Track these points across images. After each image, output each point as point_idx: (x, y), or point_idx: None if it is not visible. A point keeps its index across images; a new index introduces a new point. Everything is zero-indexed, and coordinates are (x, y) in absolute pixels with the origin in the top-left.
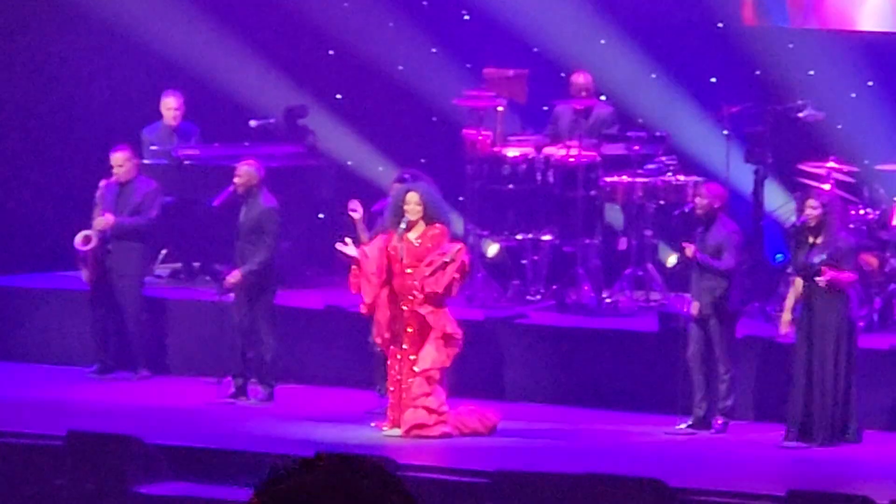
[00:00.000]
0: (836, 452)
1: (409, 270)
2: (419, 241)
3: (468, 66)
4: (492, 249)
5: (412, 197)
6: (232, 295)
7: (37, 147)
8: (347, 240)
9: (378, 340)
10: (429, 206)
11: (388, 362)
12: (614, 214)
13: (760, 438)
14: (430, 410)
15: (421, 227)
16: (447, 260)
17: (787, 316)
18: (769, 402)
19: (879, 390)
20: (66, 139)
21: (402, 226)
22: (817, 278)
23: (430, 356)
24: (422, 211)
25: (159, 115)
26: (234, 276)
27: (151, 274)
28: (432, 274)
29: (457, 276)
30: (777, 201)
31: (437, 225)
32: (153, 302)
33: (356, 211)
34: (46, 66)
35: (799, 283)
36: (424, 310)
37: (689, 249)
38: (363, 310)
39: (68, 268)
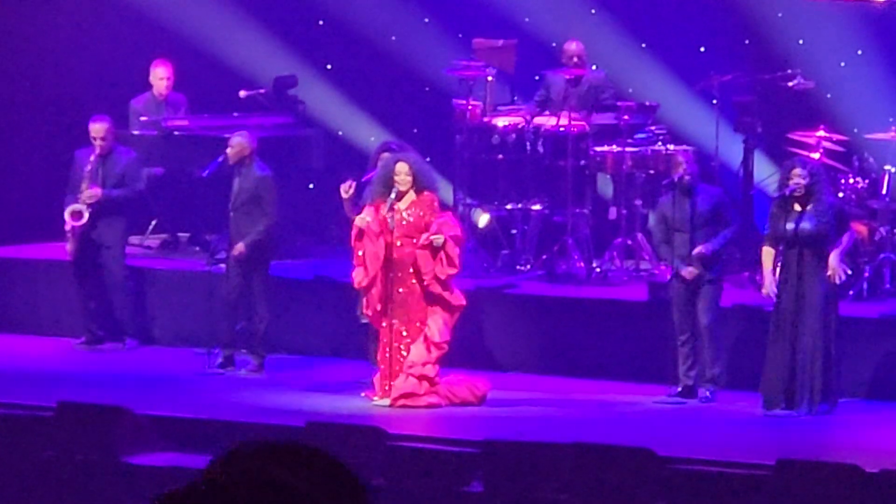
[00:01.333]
0: (825, 421)
1: (398, 243)
2: (410, 211)
3: (460, 36)
4: (482, 220)
5: (402, 167)
6: (223, 266)
7: (22, 117)
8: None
9: (368, 312)
10: (418, 176)
11: (379, 333)
12: (604, 184)
13: (748, 407)
14: (423, 378)
15: (411, 196)
16: (439, 243)
17: (768, 287)
18: (758, 371)
19: (868, 359)
20: (52, 109)
21: (392, 196)
22: (832, 269)
23: (443, 327)
24: (411, 181)
25: (147, 86)
26: (238, 249)
27: (133, 244)
28: (433, 258)
29: (456, 250)
30: (766, 171)
31: (426, 193)
32: (143, 273)
33: (349, 190)
34: (32, 36)
35: (768, 252)
36: (435, 288)
37: (688, 272)
38: (363, 283)
39: (54, 238)
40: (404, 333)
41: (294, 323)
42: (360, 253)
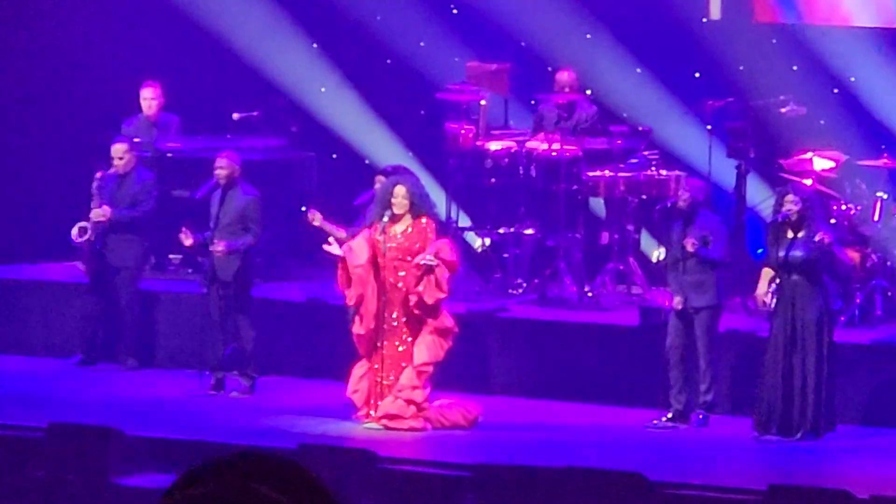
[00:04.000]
0: (817, 446)
1: (395, 264)
2: (405, 234)
3: (456, 59)
4: (477, 243)
5: (399, 190)
6: (204, 288)
7: (29, 138)
8: (331, 240)
9: (360, 331)
10: (415, 200)
11: (364, 353)
12: (599, 206)
13: (741, 432)
14: (410, 402)
15: (407, 220)
16: (431, 265)
17: (761, 289)
18: (749, 396)
19: (860, 385)
20: (59, 130)
21: (385, 218)
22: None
23: (426, 350)
24: (408, 205)
25: (139, 108)
26: (219, 246)
27: (149, 265)
28: (420, 280)
29: (446, 275)
30: (759, 196)
31: (423, 219)
32: (141, 294)
33: (314, 218)
34: (30, 57)
35: (767, 271)
36: (419, 311)
37: (690, 243)
38: (350, 301)
39: (57, 259)
40: (395, 354)
41: (286, 345)
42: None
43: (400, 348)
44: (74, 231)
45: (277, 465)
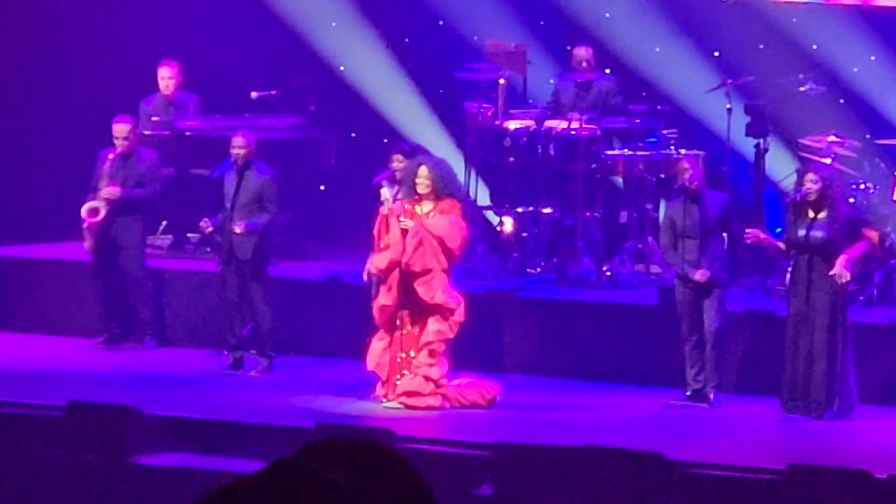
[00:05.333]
0: (836, 426)
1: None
2: (429, 215)
3: (475, 38)
4: (508, 224)
5: (423, 171)
6: (221, 269)
7: (38, 117)
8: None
9: (387, 302)
10: (438, 181)
11: (384, 328)
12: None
13: (759, 412)
14: (428, 379)
15: (432, 201)
16: (404, 226)
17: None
18: (769, 376)
19: (879, 364)
20: (67, 109)
21: (388, 196)
22: (837, 271)
23: (434, 327)
24: (430, 185)
25: (157, 87)
26: (239, 226)
27: (149, 245)
28: (413, 253)
29: (430, 250)
30: (778, 175)
31: (448, 199)
32: (153, 273)
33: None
34: (46, 35)
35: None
36: (418, 287)
37: (700, 274)
38: (381, 266)
39: (68, 238)
40: (412, 331)
41: (304, 324)
42: (382, 244)
43: (415, 327)
44: (85, 211)
45: (354, 449)
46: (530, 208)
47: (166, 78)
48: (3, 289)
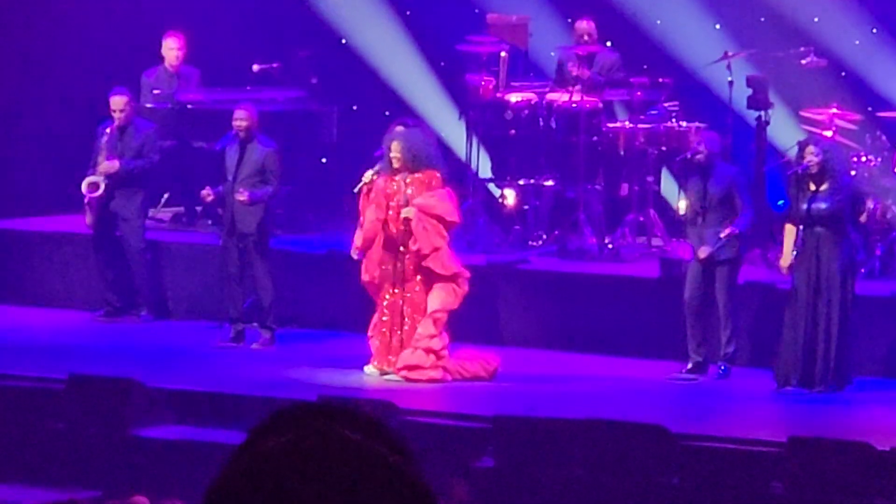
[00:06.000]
0: (837, 398)
1: (399, 216)
2: (405, 187)
3: (476, 11)
4: (510, 197)
5: (395, 146)
6: (222, 242)
7: (37, 90)
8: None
9: (366, 278)
10: (408, 155)
11: (377, 301)
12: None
13: (761, 384)
14: (429, 351)
15: (408, 174)
16: (409, 216)
17: (786, 261)
18: (770, 348)
19: (881, 337)
20: (67, 82)
21: (371, 173)
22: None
23: (440, 298)
24: (401, 159)
25: (159, 59)
26: (243, 195)
27: (151, 217)
28: (412, 233)
29: (429, 226)
30: (779, 148)
31: (426, 171)
32: (155, 246)
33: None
34: (45, 7)
35: (791, 229)
36: (425, 261)
37: (704, 251)
38: (358, 244)
39: (70, 211)
40: (403, 307)
41: (306, 297)
42: (363, 220)
43: (413, 297)
44: (85, 186)
45: (356, 412)
46: (532, 181)
47: (175, 49)
48: (4, 262)
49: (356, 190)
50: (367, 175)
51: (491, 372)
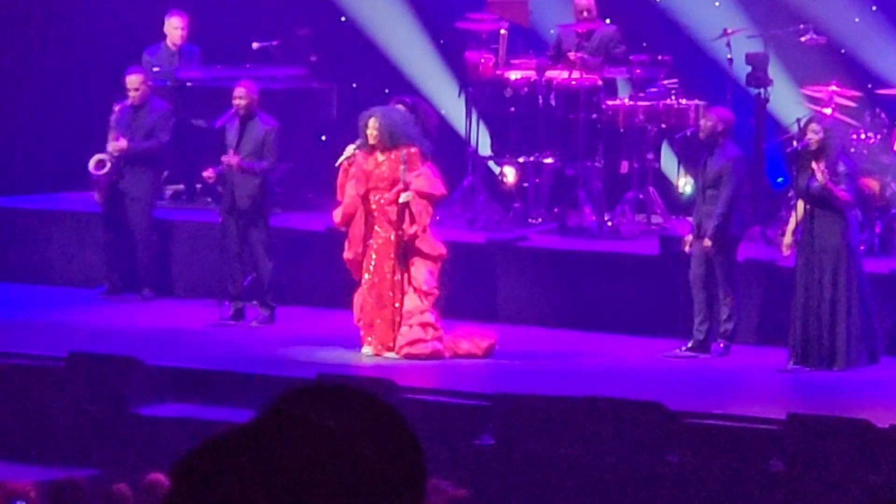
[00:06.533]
0: (836, 377)
1: (377, 193)
2: (383, 163)
3: None
4: (510, 175)
5: (371, 122)
6: (221, 220)
7: (45, 68)
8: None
9: (349, 256)
10: (385, 132)
11: (358, 279)
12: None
13: (760, 362)
14: (425, 325)
15: (385, 151)
16: (404, 200)
17: (788, 238)
18: (769, 325)
19: (881, 314)
20: (75, 59)
21: (353, 148)
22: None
23: (423, 274)
24: (378, 136)
25: (162, 36)
26: (233, 158)
27: (162, 197)
28: (400, 214)
29: (419, 207)
30: (778, 126)
31: (403, 148)
32: (155, 224)
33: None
34: None
35: (801, 206)
36: (421, 245)
37: (704, 244)
38: (338, 221)
39: (74, 189)
40: (388, 280)
41: (305, 275)
42: (342, 197)
43: (394, 275)
44: (92, 164)
45: (344, 395)
46: (531, 158)
47: (179, 28)
48: (5, 240)
49: (338, 164)
50: (349, 149)
51: (484, 349)
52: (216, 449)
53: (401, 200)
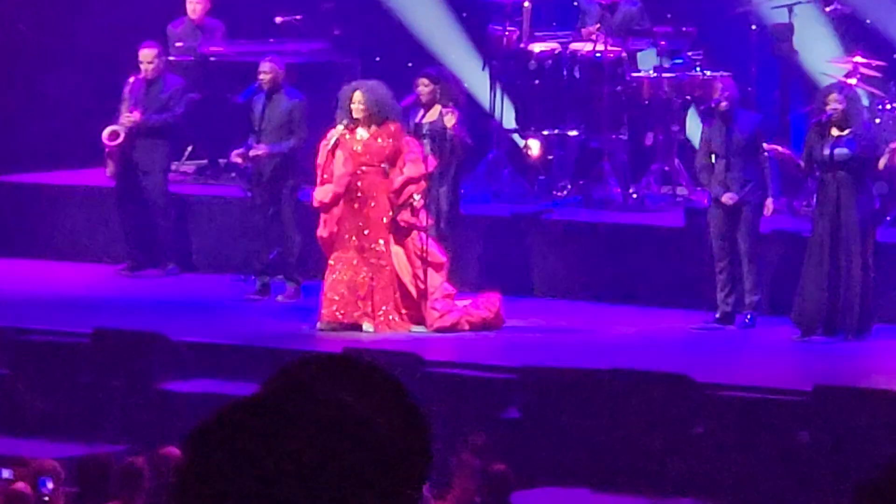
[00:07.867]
0: (861, 347)
1: (361, 170)
2: (368, 140)
3: None
4: (535, 147)
5: (357, 96)
6: (249, 193)
7: (61, 42)
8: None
9: (324, 234)
10: (372, 106)
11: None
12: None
13: (786, 334)
14: (447, 296)
15: (370, 126)
16: (414, 203)
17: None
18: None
19: None
20: (91, 33)
21: (341, 126)
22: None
23: (431, 246)
24: (364, 110)
25: (184, 11)
26: (260, 149)
27: (175, 170)
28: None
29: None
30: (803, 96)
31: (388, 123)
32: (179, 199)
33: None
34: None
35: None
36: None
37: (730, 198)
38: (325, 200)
39: (92, 164)
40: (374, 256)
41: None
42: (325, 175)
43: (380, 254)
44: (105, 134)
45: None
46: (556, 131)
47: (194, 2)
48: (28, 216)
49: (329, 147)
50: (339, 129)
51: (496, 312)
52: (228, 420)
53: (414, 203)
